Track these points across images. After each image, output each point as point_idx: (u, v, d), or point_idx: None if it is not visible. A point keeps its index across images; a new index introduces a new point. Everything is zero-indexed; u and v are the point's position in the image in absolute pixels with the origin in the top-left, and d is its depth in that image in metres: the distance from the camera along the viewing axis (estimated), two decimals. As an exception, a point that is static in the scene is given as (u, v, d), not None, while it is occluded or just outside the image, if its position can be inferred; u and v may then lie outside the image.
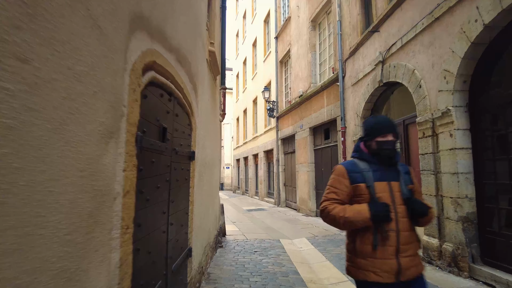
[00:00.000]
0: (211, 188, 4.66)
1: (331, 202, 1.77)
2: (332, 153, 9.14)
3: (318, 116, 9.71)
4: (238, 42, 25.06)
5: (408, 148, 5.82)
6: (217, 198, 5.67)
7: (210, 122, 4.50)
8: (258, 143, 17.81)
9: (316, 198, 10.27)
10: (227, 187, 30.09)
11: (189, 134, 2.99)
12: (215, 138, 5.26)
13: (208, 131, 4.25)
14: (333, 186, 1.81)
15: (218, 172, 5.79)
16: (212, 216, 4.94)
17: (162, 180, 2.10)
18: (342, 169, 1.82)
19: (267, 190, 16.56)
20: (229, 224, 8.65)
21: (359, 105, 7.34)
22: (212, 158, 4.79)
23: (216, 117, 5.33)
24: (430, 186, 4.66)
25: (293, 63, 12.23)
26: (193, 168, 3.13)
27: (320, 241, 6.58)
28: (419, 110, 4.99)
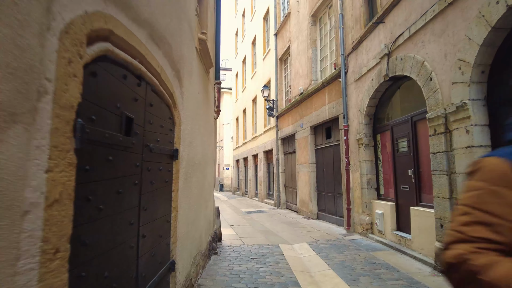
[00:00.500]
0: (202, 190, 4.25)
1: (479, 247, 0.69)
2: (334, 152, 8.72)
3: (319, 114, 9.30)
4: (237, 41, 24.68)
5: (417, 147, 5.40)
6: (211, 201, 5.26)
7: (201, 118, 4.09)
8: (257, 143, 17.40)
9: (317, 200, 9.85)
10: (226, 188, 29.69)
11: (171, 129, 2.58)
12: (208, 135, 4.85)
13: (198, 128, 3.84)
14: (483, 209, 0.73)
15: (212, 173, 5.38)
16: (205, 221, 4.53)
17: (127, 183, 1.69)
18: (505, 167, 0.74)
19: (266, 192, 16.14)
20: (226, 228, 8.24)
21: (363, 102, 6.93)
22: (204, 158, 4.38)
23: (209, 113, 4.93)
24: (443, 188, 4.25)
25: (293, 60, 11.82)
26: (177, 168, 2.72)
27: (322, 247, 6.16)
28: (429, 105, 4.57)
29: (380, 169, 6.80)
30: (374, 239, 6.43)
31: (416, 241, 5.10)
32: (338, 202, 8.51)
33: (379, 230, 6.38)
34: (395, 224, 6.02)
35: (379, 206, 6.47)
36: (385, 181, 6.63)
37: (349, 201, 7.51)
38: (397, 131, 6.00)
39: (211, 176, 5.30)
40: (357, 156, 7.23)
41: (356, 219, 7.27)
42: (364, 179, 6.91)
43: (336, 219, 8.60)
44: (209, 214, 5.00)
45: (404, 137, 5.74)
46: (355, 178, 7.34)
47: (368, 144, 6.92)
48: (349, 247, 6.03)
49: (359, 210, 7.16)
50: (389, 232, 6.05)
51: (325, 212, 9.30)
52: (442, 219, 4.25)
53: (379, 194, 6.79)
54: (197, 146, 3.70)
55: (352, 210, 7.45)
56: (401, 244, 5.60)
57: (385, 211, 6.23)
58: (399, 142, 5.96)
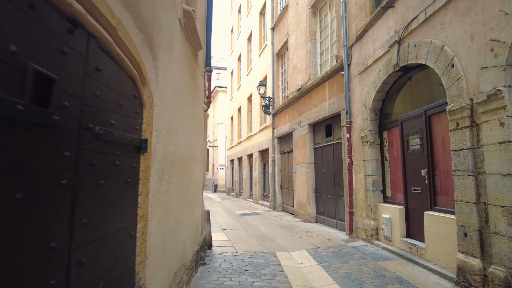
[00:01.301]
0: (187, 193, 3.61)
1: None
2: (335, 151, 8.12)
3: (319, 111, 8.70)
4: (233, 38, 24.04)
5: (432, 144, 4.81)
6: (198, 204, 4.62)
7: (185, 106, 3.45)
8: (252, 143, 16.77)
9: (316, 202, 9.24)
10: (221, 188, 29.02)
11: (137, 111, 1.93)
12: (195, 129, 4.21)
13: (181, 117, 3.20)
14: None
15: (200, 172, 4.73)
16: (190, 228, 3.88)
17: (43, 184, 1.04)
18: None
19: (262, 193, 15.51)
20: (218, 233, 7.59)
21: (368, 96, 6.33)
22: (190, 154, 3.73)
23: (197, 103, 4.29)
24: (468, 190, 3.65)
25: (290, 55, 11.22)
26: (146, 165, 2.08)
27: (323, 255, 5.54)
28: (450, 95, 3.98)
29: (386, 169, 6.20)
30: (380, 246, 5.83)
31: (431, 250, 4.51)
32: (339, 205, 7.91)
33: (386, 237, 5.78)
34: (404, 230, 5.43)
35: (386, 210, 5.88)
36: (392, 183, 6.04)
37: (351, 204, 6.91)
38: (408, 127, 5.41)
39: (199, 176, 4.65)
40: (361, 155, 6.64)
41: (360, 224, 6.67)
42: (369, 180, 6.31)
43: (336, 223, 8.00)
44: (196, 219, 4.35)
45: (416, 134, 5.15)
46: (358, 179, 6.74)
47: (374, 142, 6.32)
48: (353, 256, 5.42)
49: (362, 214, 6.56)
50: (398, 239, 5.45)
51: (325, 216, 8.69)
52: (467, 227, 3.66)
53: (385, 197, 6.19)
54: (178, 138, 3.05)
55: (355, 214, 6.85)
56: (412, 253, 5.01)
57: (393, 216, 5.63)
58: (409, 139, 5.37)
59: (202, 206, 5.09)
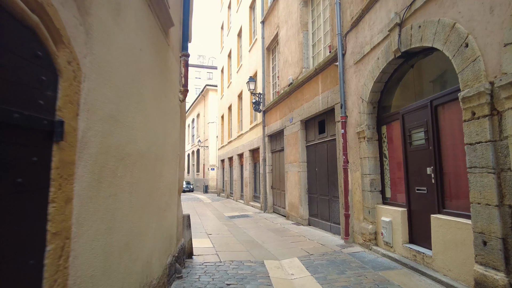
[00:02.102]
0: (152, 197, 2.97)
1: None
2: (329, 149, 7.55)
3: (312, 106, 8.12)
4: (223, 35, 23.41)
5: (439, 138, 4.26)
6: (172, 210, 3.97)
7: (148, 90, 2.82)
8: (243, 142, 16.15)
9: (309, 204, 8.66)
10: (212, 189, 28.30)
11: (41, 78, 1.30)
12: (166, 119, 3.57)
13: (140, 101, 2.56)
14: None
15: (175, 172, 4.08)
16: (158, 239, 3.24)
17: None
18: None
19: (253, 194, 14.89)
20: (202, 238, 6.94)
21: (365, 87, 5.77)
22: (155, 149, 3.09)
23: (169, 90, 3.65)
24: (487, 191, 3.09)
25: (281, 48, 10.63)
26: (66, 158, 1.44)
27: (317, 263, 4.95)
28: (464, 80, 3.42)
29: (386, 167, 5.64)
30: (379, 253, 5.27)
31: (440, 259, 3.94)
32: (333, 207, 7.33)
33: (386, 242, 5.22)
34: (407, 235, 4.87)
35: (385, 212, 5.31)
36: (392, 182, 5.48)
37: (347, 205, 6.34)
38: (410, 120, 4.85)
39: (174, 177, 4.01)
40: (357, 152, 6.07)
41: (356, 228, 6.10)
42: (366, 179, 5.74)
43: (331, 226, 7.42)
44: (168, 227, 3.71)
45: (420, 127, 4.60)
46: (354, 178, 6.17)
47: (372, 138, 5.76)
48: (351, 264, 4.84)
49: (359, 216, 5.99)
50: (400, 245, 4.89)
51: (318, 218, 8.11)
52: (486, 234, 3.09)
53: (384, 198, 5.63)
54: (134, 128, 2.42)
55: (351, 216, 6.28)
56: (417, 261, 4.44)
57: (393, 219, 5.07)
58: (412, 134, 4.81)
59: (179, 211, 4.44)
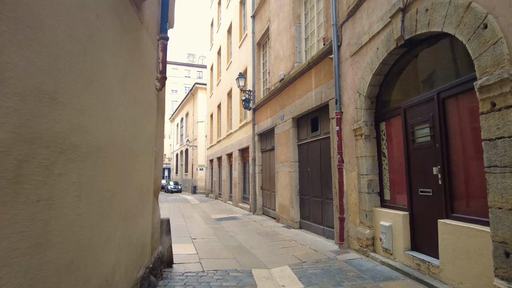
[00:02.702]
0: (115, 201, 2.43)
1: None
2: (322, 147, 7.10)
3: (304, 102, 7.66)
4: (212, 32, 22.86)
5: (447, 135, 3.83)
6: (146, 215, 3.42)
7: (109, 67, 2.29)
8: (232, 141, 15.64)
9: (300, 206, 8.20)
10: (200, 190, 27.67)
11: None
12: (137, 108, 3.04)
13: (95, 79, 2.03)
14: None
15: (149, 170, 3.54)
16: (125, 250, 2.71)
17: None
18: None
19: (242, 195, 14.38)
20: (185, 244, 6.40)
21: (363, 80, 5.33)
22: (120, 143, 2.56)
23: (140, 73, 3.11)
24: (511, 194, 2.66)
25: (272, 42, 10.16)
26: None
27: (310, 273, 4.47)
28: (481, 66, 2.99)
29: (385, 167, 5.22)
30: (378, 260, 4.83)
31: (449, 270, 3.51)
32: (326, 209, 6.88)
33: (385, 248, 4.78)
34: (409, 241, 4.44)
35: (385, 216, 4.88)
36: (392, 184, 5.05)
37: (342, 208, 5.89)
38: (413, 115, 4.43)
39: (148, 176, 3.47)
40: (353, 151, 5.63)
41: (352, 232, 5.66)
42: (363, 180, 5.30)
43: (324, 229, 6.97)
44: (140, 235, 3.17)
45: (425, 123, 4.17)
46: (350, 179, 5.73)
47: (369, 135, 5.32)
48: (347, 274, 4.38)
49: (355, 220, 5.55)
50: (401, 252, 4.45)
51: (310, 221, 7.66)
52: (509, 244, 2.66)
53: (383, 201, 5.20)
54: (87, 114, 1.89)
55: (346, 220, 5.83)
56: (421, 271, 4.01)
57: (394, 223, 4.64)
58: (416, 130, 4.39)
59: (155, 215, 3.91)
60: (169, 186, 31.05)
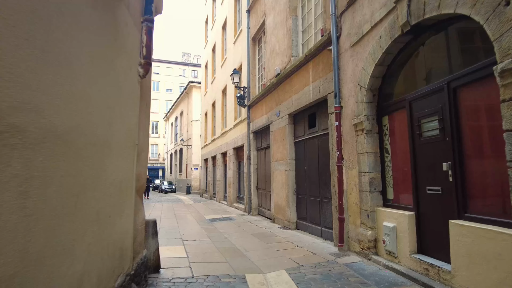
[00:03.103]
0: (84, 200, 2.06)
1: None
2: (321, 144, 6.77)
3: (301, 97, 7.33)
4: (207, 29, 22.47)
5: (458, 127, 3.51)
6: (126, 216, 3.05)
7: (72, 42, 1.92)
8: (227, 139, 15.26)
9: (297, 206, 7.86)
10: (195, 190, 27.23)
11: None
12: (116, 95, 2.67)
13: (48, 49, 1.67)
14: None
15: (130, 166, 3.16)
16: (100, 256, 2.34)
17: None
18: None
19: (236, 195, 14.01)
20: (175, 246, 6.02)
21: (364, 72, 5.01)
22: (91, 130, 2.20)
23: (116, 55, 2.74)
24: (538, 191, 2.35)
25: (268, 37, 9.82)
26: None
27: (309, 278, 4.13)
28: (503, 48, 2.67)
29: (388, 164, 4.89)
30: (381, 264, 4.50)
31: (463, 275, 3.19)
32: (325, 209, 6.55)
33: (389, 251, 4.46)
34: (415, 243, 4.11)
35: (388, 216, 4.55)
36: (395, 182, 4.73)
37: (341, 208, 5.56)
38: (420, 108, 4.11)
39: (128, 172, 3.09)
40: (353, 147, 5.31)
41: (352, 233, 5.33)
42: (364, 178, 4.98)
43: (322, 230, 6.64)
44: (118, 239, 2.80)
45: (433, 115, 3.85)
46: (350, 177, 5.40)
47: (371, 130, 5.00)
48: (349, 279, 4.04)
49: (356, 221, 5.22)
50: (407, 256, 4.13)
51: (307, 221, 7.32)
52: (538, 248, 2.34)
53: (386, 200, 4.88)
54: (41, 90, 1.53)
55: (346, 220, 5.50)
56: (430, 276, 3.68)
57: (399, 224, 4.31)
58: (423, 124, 4.07)
59: (139, 216, 3.53)
60: (163, 186, 30.56)
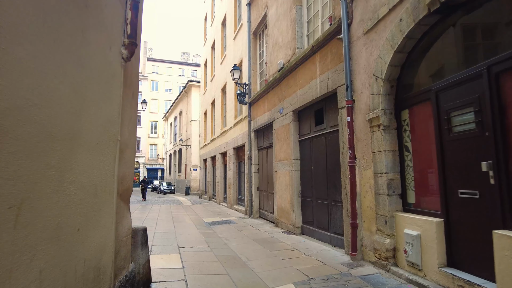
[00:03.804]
0: (35, 209, 1.52)
1: None
2: (329, 143, 6.22)
3: (307, 92, 6.78)
4: (206, 26, 21.95)
5: (502, 119, 2.97)
6: (103, 226, 2.50)
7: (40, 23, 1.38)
8: (227, 139, 14.71)
9: (302, 209, 7.31)
10: (194, 191, 26.68)
11: None
12: (86, 78, 2.12)
13: None
14: None
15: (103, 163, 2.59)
16: (53, 283, 1.79)
17: None
18: None
19: (237, 196, 13.46)
20: (171, 254, 5.46)
21: (381, 61, 4.46)
22: (39, 115, 1.65)
23: (86, 28, 2.20)
24: None
25: (270, 30, 9.27)
26: None
27: (321, 295, 3.58)
28: None
29: (408, 164, 4.35)
30: (403, 277, 3.95)
31: (511, 298, 2.65)
32: (334, 213, 6.00)
33: (412, 263, 3.91)
34: (444, 255, 3.57)
35: (410, 223, 4.01)
36: (418, 184, 4.18)
37: (354, 213, 5.01)
38: (450, 98, 3.56)
39: (107, 173, 2.54)
40: (368, 145, 4.76)
41: (367, 241, 4.78)
42: (381, 180, 4.44)
43: (330, 236, 6.08)
44: (92, 256, 2.25)
45: (468, 106, 3.31)
46: (365, 178, 4.86)
47: (389, 126, 4.46)
48: (368, 297, 3.49)
49: (371, 227, 4.68)
50: (434, 269, 3.58)
51: (314, 226, 6.76)
52: None
53: (406, 204, 4.33)
54: None
55: (359, 226, 4.96)
56: (465, 295, 3.14)
57: (423, 232, 3.76)
58: (453, 117, 3.52)
59: (123, 224, 2.98)
60: (162, 187, 29.99)
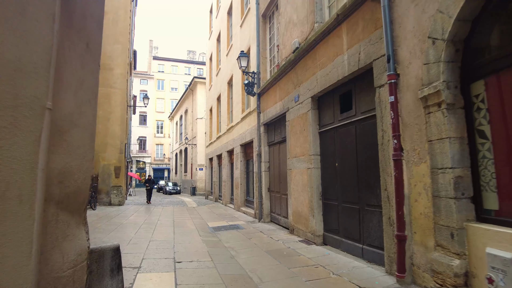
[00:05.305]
0: None
1: None
2: (360, 132, 5.01)
3: (331, 72, 5.59)
4: (211, 19, 20.86)
5: None
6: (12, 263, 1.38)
7: None
8: (233, 135, 13.58)
9: (324, 214, 6.11)
10: (200, 191, 25.61)
11: None
12: None
13: None
14: None
15: (16, 147, 1.49)
16: None
17: None
18: None
19: (244, 197, 12.31)
20: (163, 272, 4.32)
21: (441, 16, 3.26)
22: None
23: None
24: None
25: (282, 8, 8.10)
26: None
27: None
28: None
29: (484, 155, 3.14)
30: (486, 318, 2.74)
31: None
32: (368, 221, 4.79)
33: (500, 297, 2.70)
34: (562, 291, 2.36)
35: (495, 238, 2.80)
36: (503, 183, 2.96)
37: (401, 221, 3.80)
38: None
39: (21, 165, 1.42)
40: (421, 132, 3.56)
41: (420, 260, 3.57)
42: (443, 177, 3.23)
43: (363, 249, 4.88)
44: None
45: None
46: (416, 176, 3.65)
47: (454, 104, 3.25)
48: None
49: (427, 241, 3.48)
50: (546, 312, 2.37)
51: (340, 235, 5.56)
52: None
53: (482, 211, 3.12)
54: None
55: (409, 239, 3.75)
56: None
57: (522, 255, 2.56)
58: None
59: (67, 250, 1.85)
60: (168, 188, 29.10)
